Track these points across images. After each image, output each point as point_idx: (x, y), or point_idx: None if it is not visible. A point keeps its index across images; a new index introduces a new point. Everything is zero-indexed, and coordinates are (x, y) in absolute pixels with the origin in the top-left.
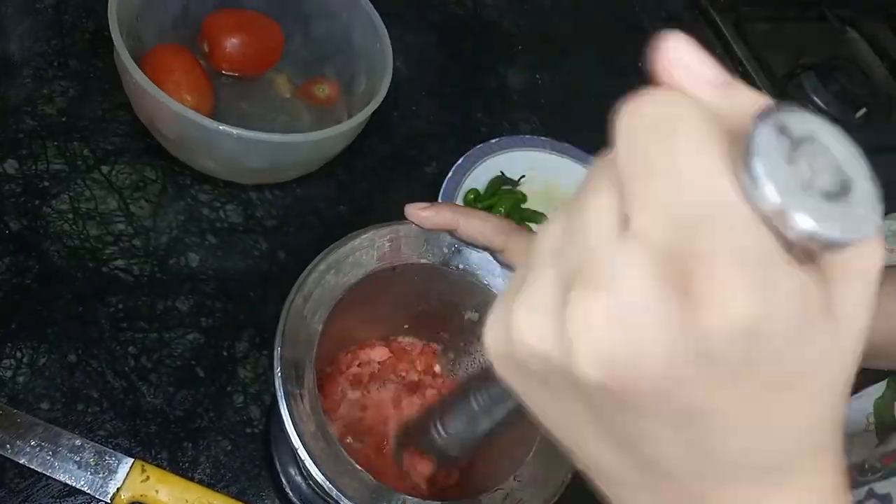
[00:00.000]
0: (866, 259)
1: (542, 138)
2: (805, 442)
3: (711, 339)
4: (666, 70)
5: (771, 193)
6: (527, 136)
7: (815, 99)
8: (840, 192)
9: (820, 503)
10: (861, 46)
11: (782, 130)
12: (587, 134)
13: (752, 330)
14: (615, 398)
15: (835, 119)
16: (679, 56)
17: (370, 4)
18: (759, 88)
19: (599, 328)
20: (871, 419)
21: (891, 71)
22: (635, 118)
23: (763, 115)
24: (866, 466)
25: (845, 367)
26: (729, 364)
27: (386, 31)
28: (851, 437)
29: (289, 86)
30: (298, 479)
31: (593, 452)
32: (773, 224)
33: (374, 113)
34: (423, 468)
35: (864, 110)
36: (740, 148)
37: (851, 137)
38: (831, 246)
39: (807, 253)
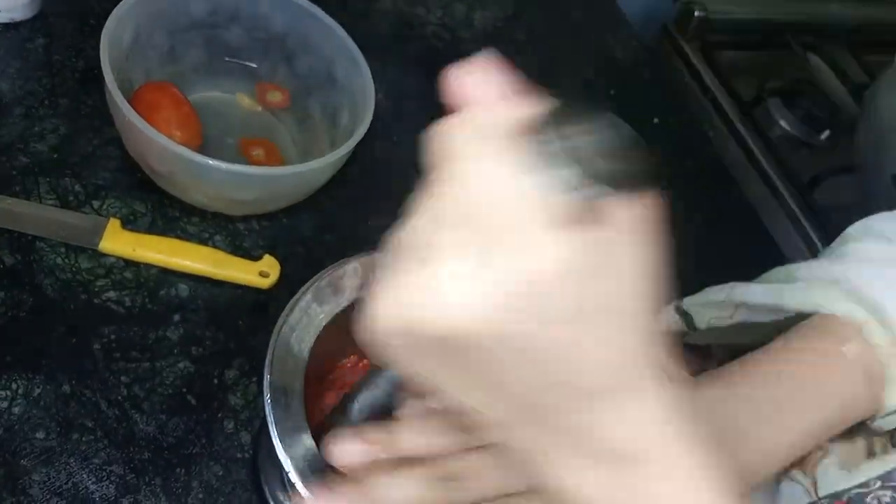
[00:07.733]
0: (627, 212)
1: None
2: (621, 365)
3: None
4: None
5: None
6: None
7: (781, 122)
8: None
9: (652, 417)
10: (823, 71)
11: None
12: None
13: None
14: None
15: (801, 141)
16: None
17: (351, 40)
18: (727, 114)
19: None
20: None
21: (852, 93)
22: (436, 142)
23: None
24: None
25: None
26: (532, 301)
27: (367, 65)
28: None
29: (253, 102)
30: (287, 503)
31: (479, 401)
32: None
33: (357, 144)
34: None
35: (827, 132)
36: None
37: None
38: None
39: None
